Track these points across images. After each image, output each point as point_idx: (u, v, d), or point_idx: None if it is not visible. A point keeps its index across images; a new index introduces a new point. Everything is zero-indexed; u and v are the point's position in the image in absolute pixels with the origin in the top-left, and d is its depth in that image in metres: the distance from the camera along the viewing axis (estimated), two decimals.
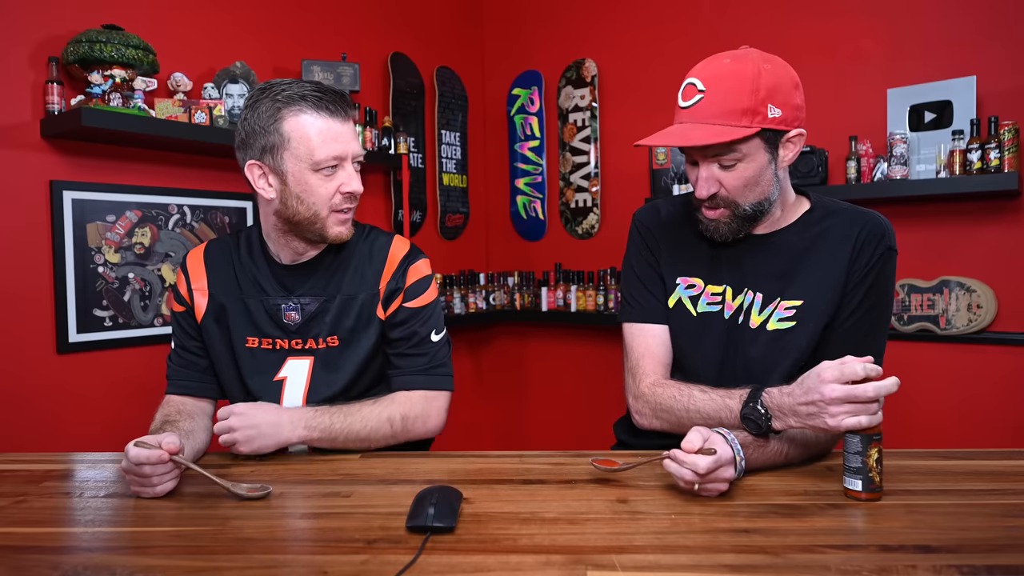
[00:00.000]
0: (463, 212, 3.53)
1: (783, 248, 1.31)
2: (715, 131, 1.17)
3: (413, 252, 1.43)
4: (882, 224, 1.29)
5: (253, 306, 1.38)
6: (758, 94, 1.17)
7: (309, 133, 1.26)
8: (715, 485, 1.05)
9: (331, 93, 1.28)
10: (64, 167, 2.14)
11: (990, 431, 2.37)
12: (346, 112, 1.30)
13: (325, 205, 1.30)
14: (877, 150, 2.49)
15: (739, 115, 1.17)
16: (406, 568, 0.83)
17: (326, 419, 1.30)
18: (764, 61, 1.20)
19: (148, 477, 1.08)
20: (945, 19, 2.43)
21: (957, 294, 2.39)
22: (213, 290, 1.40)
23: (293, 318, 1.37)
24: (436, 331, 1.43)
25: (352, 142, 1.30)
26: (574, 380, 3.40)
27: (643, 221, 1.46)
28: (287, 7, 2.75)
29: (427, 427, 1.38)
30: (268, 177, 1.30)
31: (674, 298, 1.38)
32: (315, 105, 1.26)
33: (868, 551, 0.86)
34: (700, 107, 1.19)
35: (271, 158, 1.28)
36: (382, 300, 1.39)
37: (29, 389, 2.08)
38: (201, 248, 1.45)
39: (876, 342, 1.29)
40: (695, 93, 1.20)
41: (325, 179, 1.29)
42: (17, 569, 0.85)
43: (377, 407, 1.34)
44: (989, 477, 1.14)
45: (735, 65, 1.19)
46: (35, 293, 2.09)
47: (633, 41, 3.18)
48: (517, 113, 3.54)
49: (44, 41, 2.09)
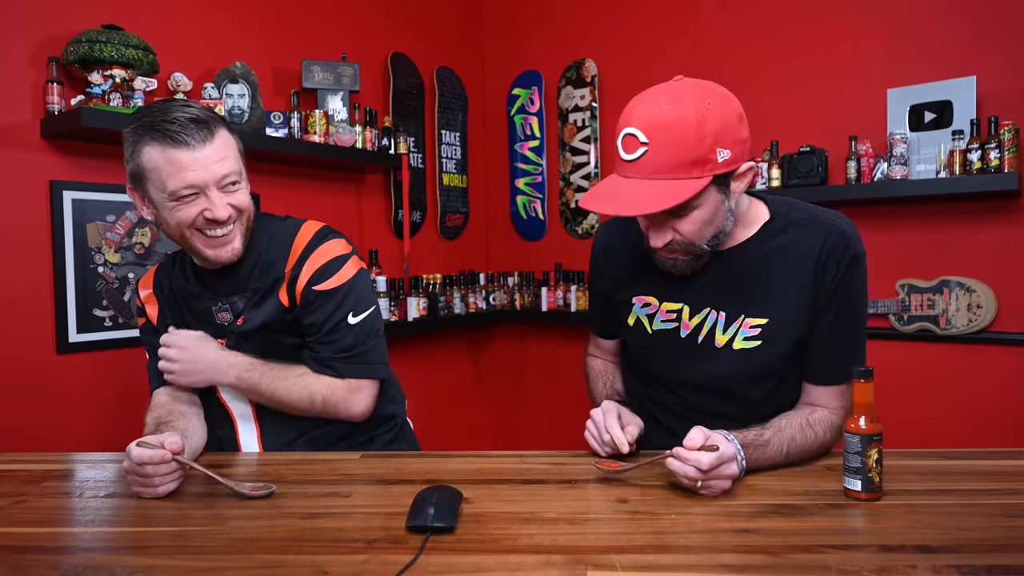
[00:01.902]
0: (463, 212, 3.53)
1: (743, 264, 1.26)
2: (665, 189, 1.11)
3: (322, 234, 1.38)
4: (845, 232, 1.24)
5: (189, 314, 1.41)
6: (705, 141, 1.09)
7: (159, 163, 1.23)
8: (718, 482, 1.05)
9: (183, 120, 1.22)
10: (64, 167, 2.14)
11: (990, 431, 2.37)
12: (203, 137, 1.23)
13: (188, 228, 1.27)
14: (877, 150, 2.49)
15: (688, 167, 1.10)
16: (406, 568, 0.83)
17: (255, 375, 1.34)
18: (704, 98, 1.11)
19: (150, 477, 1.08)
20: (945, 19, 2.43)
21: (957, 294, 2.39)
22: (160, 301, 1.44)
23: (225, 318, 1.37)
24: (354, 313, 1.36)
25: (211, 167, 1.24)
26: (574, 380, 3.39)
27: (600, 242, 1.45)
28: (287, 7, 2.75)
29: (350, 413, 1.37)
30: (142, 202, 1.31)
31: (632, 317, 1.37)
32: (163, 134, 1.21)
33: (868, 551, 0.86)
34: (645, 161, 1.11)
35: (139, 187, 1.28)
36: (286, 284, 1.35)
37: (29, 389, 2.07)
38: (151, 271, 1.49)
39: (858, 348, 1.28)
40: (638, 146, 1.12)
41: (186, 206, 1.25)
42: (17, 569, 0.85)
43: (303, 379, 1.34)
44: (989, 477, 1.14)
45: (675, 111, 1.10)
46: (35, 293, 2.09)
47: (633, 41, 3.18)
48: (517, 113, 3.54)
49: (44, 41, 2.09)
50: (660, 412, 1.39)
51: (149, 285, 1.47)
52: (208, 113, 1.27)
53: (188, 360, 1.34)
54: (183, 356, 1.34)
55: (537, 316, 3.36)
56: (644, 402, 1.42)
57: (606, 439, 1.20)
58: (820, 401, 1.27)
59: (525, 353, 3.60)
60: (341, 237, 1.41)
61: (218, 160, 1.25)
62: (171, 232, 1.30)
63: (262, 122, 2.49)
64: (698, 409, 1.33)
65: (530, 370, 3.59)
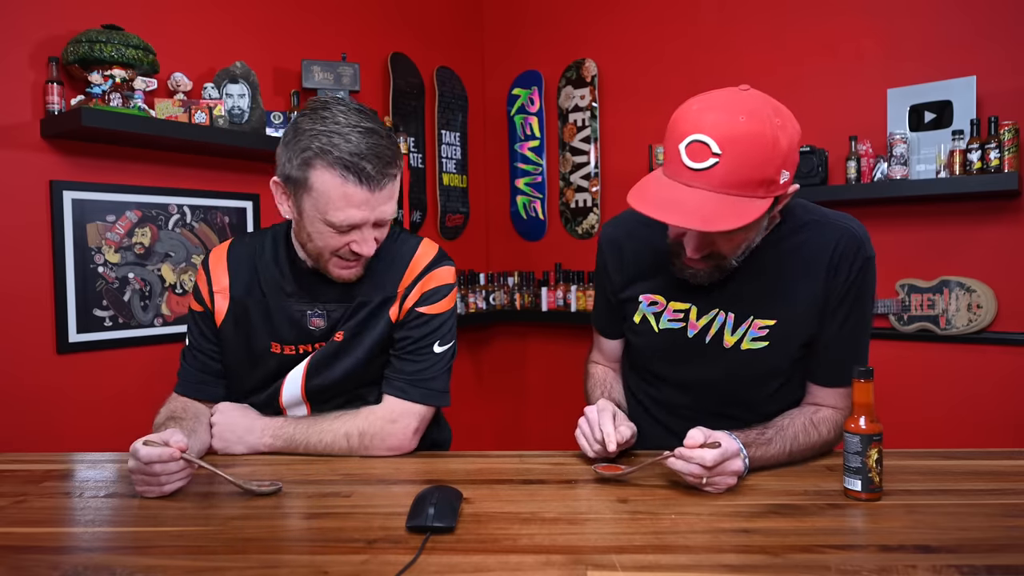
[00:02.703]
0: (463, 212, 3.53)
1: (754, 266, 1.24)
2: (732, 206, 1.05)
3: (438, 258, 1.38)
4: (857, 235, 1.23)
5: (276, 312, 1.34)
6: (775, 161, 1.05)
7: (331, 194, 1.17)
8: (723, 479, 1.05)
9: (374, 157, 1.16)
10: (64, 167, 2.14)
11: (990, 431, 2.37)
12: (383, 181, 1.19)
13: (329, 252, 1.25)
14: (877, 150, 2.49)
15: (755, 186, 1.05)
16: (406, 568, 0.83)
17: (290, 430, 1.32)
18: (775, 115, 1.07)
19: (158, 476, 1.07)
20: (945, 19, 2.43)
21: (957, 294, 2.39)
22: (235, 293, 1.36)
23: (319, 324, 1.33)
24: (441, 342, 1.37)
25: (379, 207, 1.20)
26: (574, 380, 3.38)
27: (610, 236, 1.41)
28: (287, 7, 2.75)
29: (386, 445, 1.31)
30: (288, 200, 1.25)
31: (639, 315, 1.36)
32: (349, 169, 1.16)
33: (868, 551, 0.86)
34: (715, 173, 1.04)
35: (293, 189, 1.22)
36: (398, 302, 1.35)
37: (29, 389, 2.07)
38: (224, 247, 1.41)
39: (863, 349, 1.28)
40: (708, 155, 1.04)
41: (337, 234, 1.21)
42: (17, 569, 0.85)
43: (337, 423, 1.32)
44: (989, 477, 1.14)
45: (752, 126, 1.04)
46: (35, 293, 2.09)
47: (633, 41, 3.18)
48: (517, 113, 3.54)
49: (44, 41, 2.09)
50: (661, 411, 1.39)
51: (224, 275, 1.37)
52: (392, 143, 1.21)
53: (226, 428, 1.33)
54: (220, 420, 1.34)
55: (537, 316, 3.36)
56: (646, 401, 1.41)
57: (598, 436, 1.19)
58: (826, 402, 1.27)
59: (525, 353, 3.59)
60: (452, 264, 1.41)
61: (387, 201, 1.22)
62: (306, 241, 1.26)
63: (262, 122, 2.49)
64: (701, 409, 1.33)
65: (530, 370, 3.59)
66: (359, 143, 1.16)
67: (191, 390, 1.40)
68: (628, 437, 1.20)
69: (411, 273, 1.35)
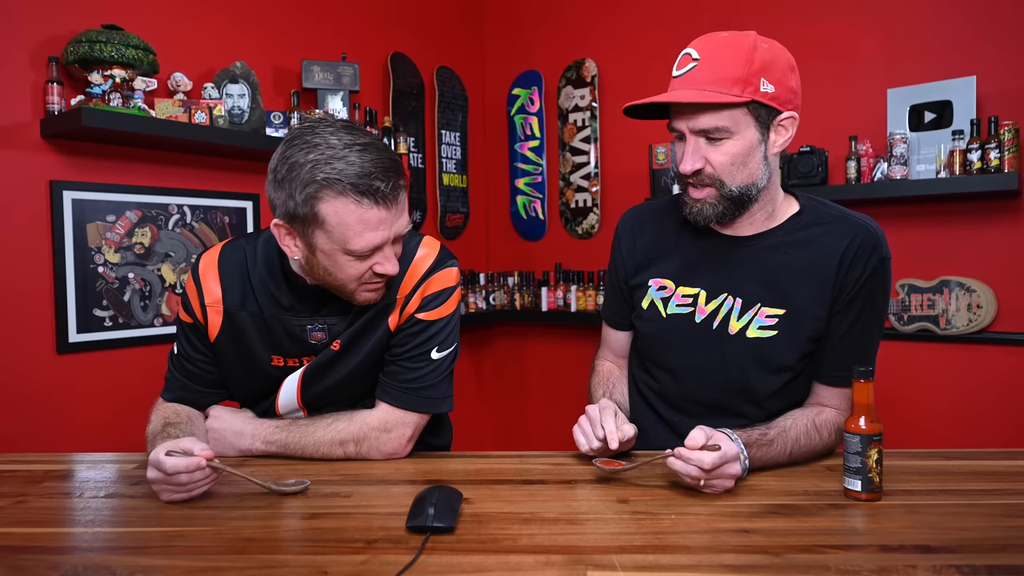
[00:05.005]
0: (463, 212, 3.53)
1: (766, 253, 1.26)
2: (704, 95, 1.16)
3: (439, 260, 1.32)
4: (873, 233, 1.23)
5: (276, 327, 1.29)
6: (751, 65, 1.15)
7: (348, 221, 1.11)
8: (721, 482, 1.05)
9: (382, 174, 1.11)
10: (64, 167, 2.14)
11: (990, 431, 2.37)
12: (397, 195, 1.14)
13: (354, 281, 1.19)
14: (877, 150, 2.49)
15: (731, 83, 1.15)
16: (406, 568, 0.83)
17: (283, 436, 1.30)
18: (763, 40, 1.19)
19: (185, 485, 1.06)
20: (944, 19, 2.43)
21: (957, 294, 2.39)
22: (229, 307, 1.30)
23: (320, 338, 1.29)
24: (439, 348, 1.31)
25: (396, 223, 1.16)
26: (574, 380, 3.39)
27: (625, 223, 1.44)
28: (287, 7, 2.75)
29: (382, 452, 1.29)
30: (295, 240, 1.17)
31: (647, 300, 1.36)
32: (362, 193, 1.10)
33: (868, 551, 0.86)
34: (693, 74, 1.17)
35: (300, 227, 1.14)
36: (398, 309, 1.30)
37: (29, 389, 2.07)
38: (214, 254, 1.33)
39: (872, 351, 1.28)
40: (689, 62, 1.19)
41: (358, 261, 1.16)
42: (17, 569, 0.85)
43: (330, 431, 1.29)
44: (989, 477, 1.14)
45: (732, 37, 1.18)
46: (35, 293, 2.09)
47: (633, 42, 3.18)
48: (517, 113, 3.54)
49: (44, 41, 2.09)
50: (665, 407, 1.38)
51: (216, 287, 1.30)
52: (391, 151, 1.16)
53: (217, 431, 1.32)
54: (213, 425, 1.33)
55: (537, 316, 3.36)
56: (650, 397, 1.41)
57: (599, 434, 1.18)
58: (830, 402, 1.27)
59: (525, 353, 3.59)
60: (455, 264, 1.35)
61: (401, 214, 1.17)
62: (323, 276, 1.19)
63: (262, 122, 2.49)
64: (706, 403, 1.33)
65: (530, 370, 3.59)
66: (363, 162, 1.10)
67: (179, 398, 1.37)
68: (630, 436, 1.20)
69: (411, 277, 1.29)
